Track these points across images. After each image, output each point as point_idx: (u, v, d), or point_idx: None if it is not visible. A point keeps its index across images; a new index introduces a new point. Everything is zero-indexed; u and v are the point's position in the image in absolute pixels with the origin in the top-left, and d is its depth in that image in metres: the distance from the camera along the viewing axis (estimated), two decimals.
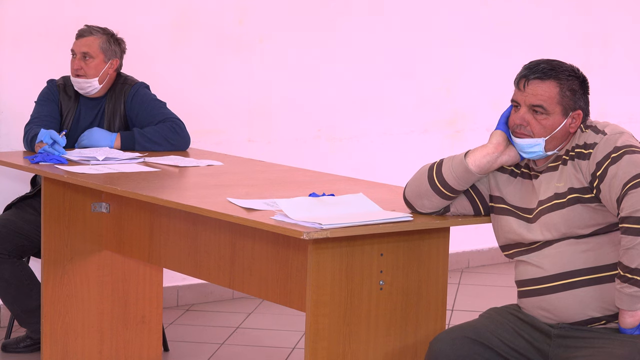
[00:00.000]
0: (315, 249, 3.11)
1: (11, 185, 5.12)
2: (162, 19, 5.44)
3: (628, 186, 2.94)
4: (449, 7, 6.38)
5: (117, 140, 4.56)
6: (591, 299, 3.07)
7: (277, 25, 5.78)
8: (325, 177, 4.09)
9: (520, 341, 3.15)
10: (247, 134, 5.74)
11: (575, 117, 3.13)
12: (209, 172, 4.16)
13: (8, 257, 4.48)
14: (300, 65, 5.87)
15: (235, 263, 3.70)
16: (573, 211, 3.07)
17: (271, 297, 3.57)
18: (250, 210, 3.29)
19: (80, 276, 4.35)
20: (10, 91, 5.10)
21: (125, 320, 4.49)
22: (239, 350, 4.90)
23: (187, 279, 5.54)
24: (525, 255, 3.17)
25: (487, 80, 6.46)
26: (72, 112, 4.67)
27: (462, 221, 3.31)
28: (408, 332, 3.31)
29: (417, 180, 3.29)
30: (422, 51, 6.29)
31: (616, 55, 7.03)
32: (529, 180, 3.21)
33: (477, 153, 3.21)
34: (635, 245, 2.90)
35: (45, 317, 4.30)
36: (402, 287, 3.28)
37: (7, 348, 4.69)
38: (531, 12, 6.69)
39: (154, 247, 4.10)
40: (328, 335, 3.15)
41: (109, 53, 4.66)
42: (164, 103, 4.72)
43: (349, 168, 5.65)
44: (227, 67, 5.64)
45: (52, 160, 4.20)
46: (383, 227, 3.13)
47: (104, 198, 4.30)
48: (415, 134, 6.35)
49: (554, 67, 3.13)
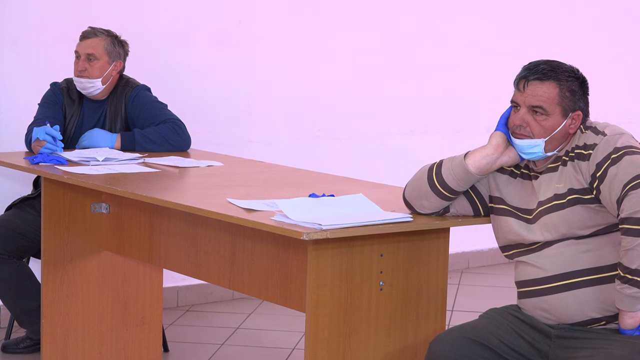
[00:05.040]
0: (315, 249, 3.11)
1: (12, 185, 5.12)
2: (162, 19, 5.44)
3: (628, 187, 2.94)
4: (449, 8, 6.38)
5: (118, 140, 4.56)
6: (591, 299, 3.07)
7: (277, 25, 5.78)
8: (325, 177, 4.09)
9: (520, 342, 3.15)
10: (247, 134, 5.74)
11: (575, 118, 3.13)
12: (208, 172, 4.16)
13: (8, 258, 4.49)
14: (300, 65, 5.87)
15: (235, 264, 3.70)
16: (573, 212, 3.07)
17: (271, 297, 3.57)
18: (250, 211, 3.29)
19: (80, 277, 4.35)
20: (11, 92, 5.10)
21: (125, 320, 4.49)
22: (238, 350, 4.90)
23: (187, 279, 5.54)
24: (525, 256, 3.17)
25: (486, 81, 6.46)
26: (75, 116, 4.68)
27: (462, 222, 3.31)
28: (408, 333, 3.31)
29: (417, 181, 3.29)
30: (422, 51, 6.29)
31: (616, 55, 7.03)
32: (528, 181, 3.21)
33: (476, 154, 3.21)
34: (635, 246, 2.90)
35: (45, 318, 4.30)
36: (402, 287, 3.28)
37: (7, 349, 4.69)
38: (531, 13, 6.69)
39: (154, 247, 4.10)
40: (328, 335, 3.15)
41: (113, 55, 4.67)
42: (164, 105, 4.72)
43: (348, 168, 5.65)
44: (227, 67, 5.64)
45: (52, 161, 4.20)
46: (383, 228, 3.13)
47: (104, 199, 4.30)
48: (415, 135, 6.35)
49: (554, 68, 3.13)
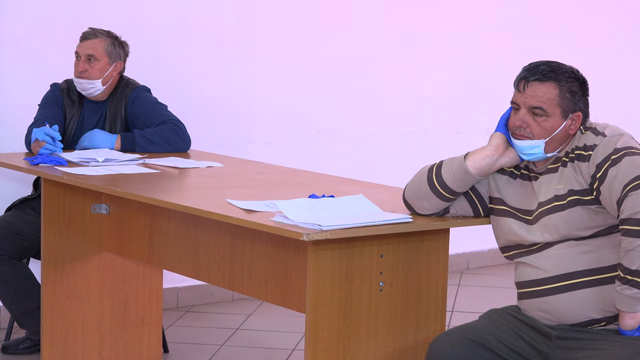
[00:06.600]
0: (315, 250, 3.11)
1: (12, 186, 5.12)
2: (162, 19, 5.44)
3: (628, 188, 2.94)
4: (449, 9, 6.38)
5: (118, 141, 4.56)
6: (591, 300, 3.07)
7: (277, 26, 5.78)
8: (325, 178, 4.09)
9: (520, 342, 3.15)
10: (246, 135, 5.74)
11: (574, 119, 3.13)
12: (208, 173, 4.16)
13: (8, 259, 4.48)
14: (300, 66, 5.87)
15: (235, 264, 3.70)
16: (573, 213, 3.07)
17: (271, 298, 3.57)
18: (250, 212, 3.29)
19: (80, 277, 4.35)
20: (11, 92, 5.10)
21: (125, 321, 4.49)
22: (238, 351, 4.90)
23: (187, 280, 5.54)
24: (525, 257, 3.17)
25: (486, 81, 6.46)
26: (75, 117, 4.68)
27: (462, 222, 3.31)
28: (408, 334, 3.31)
29: (417, 181, 3.28)
30: (422, 52, 6.29)
31: (616, 56, 7.03)
32: (528, 182, 3.21)
33: (476, 155, 3.21)
34: (635, 247, 2.90)
35: (45, 319, 4.29)
36: (401, 288, 3.28)
37: (7, 349, 4.69)
38: (531, 13, 6.69)
39: (153, 248, 4.10)
40: (328, 336, 3.15)
41: (114, 56, 4.67)
42: (164, 105, 4.72)
43: (348, 169, 5.65)
44: (227, 67, 5.64)
45: (52, 162, 4.20)
46: (383, 229, 3.13)
47: (103, 199, 4.30)
48: (415, 135, 6.35)
49: (554, 69, 3.13)
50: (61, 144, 4.37)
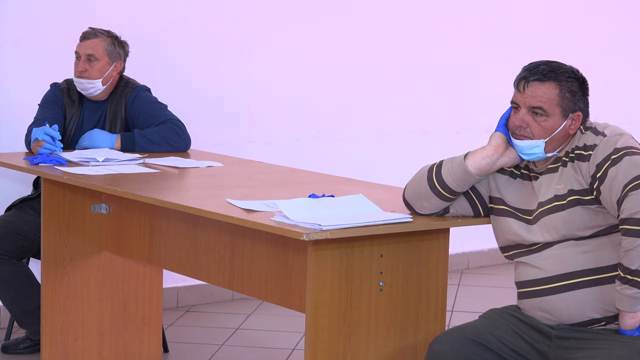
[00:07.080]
0: (315, 250, 3.11)
1: (12, 186, 5.12)
2: (162, 19, 5.44)
3: (628, 188, 2.94)
4: (449, 9, 6.38)
5: (118, 141, 4.56)
6: (591, 300, 3.07)
7: (277, 26, 5.78)
8: (325, 178, 4.09)
9: (520, 342, 3.15)
10: (246, 134, 5.74)
11: (575, 119, 3.13)
12: (208, 173, 4.16)
13: (7, 258, 4.48)
14: (299, 66, 5.87)
15: (235, 264, 3.70)
16: (573, 213, 3.07)
17: (271, 298, 3.57)
18: (250, 212, 3.29)
19: (80, 277, 4.35)
20: (11, 92, 5.10)
21: (125, 321, 4.49)
22: (238, 351, 4.90)
23: (187, 280, 5.54)
24: (525, 257, 3.17)
25: (486, 81, 6.46)
26: (75, 116, 4.68)
27: (462, 222, 3.31)
28: (408, 333, 3.31)
29: (417, 181, 3.29)
30: (422, 52, 6.29)
31: (616, 55, 7.03)
32: (528, 182, 3.21)
33: (476, 155, 3.21)
34: (635, 246, 2.90)
35: (45, 318, 4.29)
36: (401, 288, 3.28)
37: (7, 349, 4.69)
38: (531, 13, 6.69)
39: (153, 248, 4.10)
40: (328, 336, 3.15)
41: (114, 55, 4.67)
42: (164, 105, 4.72)
43: (348, 169, 5.65)
44: (227, 67, 5.64)
45: (51, 162, 4.20)
46: (383, 228, 3.13)
47: (103, 199, 4.30)
48: (415, 135, 6.35)
49: (554, 69, 3.13)
50: (61, 143, 4.37)
